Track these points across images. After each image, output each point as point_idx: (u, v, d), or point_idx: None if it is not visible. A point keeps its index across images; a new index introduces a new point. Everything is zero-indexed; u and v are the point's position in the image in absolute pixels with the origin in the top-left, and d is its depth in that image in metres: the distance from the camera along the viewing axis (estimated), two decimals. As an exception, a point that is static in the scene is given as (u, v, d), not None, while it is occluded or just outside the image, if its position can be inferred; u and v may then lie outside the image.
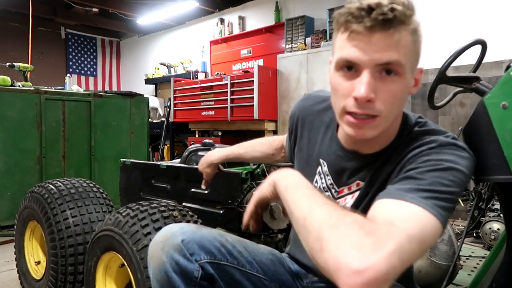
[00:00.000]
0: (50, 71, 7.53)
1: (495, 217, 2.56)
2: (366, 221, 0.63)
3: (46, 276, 1.90)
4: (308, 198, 0.71)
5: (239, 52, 5.86)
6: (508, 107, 0.91)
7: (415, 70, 0.82)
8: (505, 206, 1.05)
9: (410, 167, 0.77)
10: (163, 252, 0.86)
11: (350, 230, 0.60)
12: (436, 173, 0.72)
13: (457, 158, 0.76)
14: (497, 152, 0.91)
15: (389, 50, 0.73)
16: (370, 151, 0.90)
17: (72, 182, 2.02)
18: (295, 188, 0.75)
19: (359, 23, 0.73)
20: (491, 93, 0.95)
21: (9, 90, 3.16)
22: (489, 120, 0.93)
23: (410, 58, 0.77)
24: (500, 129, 0.91)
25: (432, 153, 0.77)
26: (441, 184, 0.71)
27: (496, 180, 0.93)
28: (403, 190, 0.71)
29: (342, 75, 0.79)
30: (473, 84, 1.29)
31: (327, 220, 0.63)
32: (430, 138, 0.82)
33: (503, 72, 0.97)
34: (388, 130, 0.86)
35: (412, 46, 0.77)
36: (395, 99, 0.78)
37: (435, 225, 0.66)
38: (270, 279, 0.99)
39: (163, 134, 5.76)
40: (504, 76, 0.95)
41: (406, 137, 0.87)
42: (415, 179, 0.73)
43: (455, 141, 0.81)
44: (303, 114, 1.10)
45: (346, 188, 0.94)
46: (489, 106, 0.94)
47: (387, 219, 0.63)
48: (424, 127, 0.87)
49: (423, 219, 0.65)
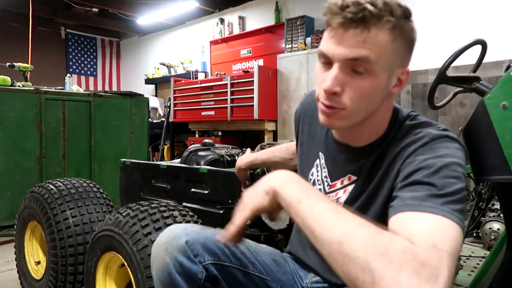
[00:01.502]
0: (50, 71, 7.53)
1: (495, 217, 2.57)
2: (413, 246, 0.58)
3: (46, 276, 1.90)
4: (336, 215, 0.63)
5: (239, 52, 5.86)
6: (508, 107, 0.91)
7: (397, 70, 0.81)
8: (505, 206, 1.05)
9: (412, 169, 0.75)
10: (167, 253, 0.86)
11: (404, 260, 0.56)
12: (441, 173, 0.71)
13: (452, 151, 0.76)
14: (497, 152, 0.91)
15: (359, 46, 0.75)
16: (359, 144, 0.90)
17: (72, 182, 2.02)
18: (310, 199, 0.67)
19: (335, 19, 0.76)
20: (491, 93, 0.95)
21: (9, 90, 3.16)
22: (489, 120, 0.93)
23: (387, 57, 0.77)
24: (500, 129, 0.91)
25: (428, 149, 0.77)
26: (450, 184, 0.70)
27: (496, 180, 0.94)
28: (418, 199, 0.68)
29: (321, 67, 0.83)
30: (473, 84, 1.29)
31: (374, 247, 0.57)
32: (421, 132, 0.81)
33: (503, 72, 0.97)
34: (371, 124, 0.86)
35: (390, 46, 0.77)
36: (363, 96, 0.79)
37: (460, 233, 0.65)
38: (272, 279, 0.99)
39: (163, 134, 5.75)
40: (504, 76, 0.95)
41: (397, 131, 0.87)
42: (425, 185, 0.70)
43: (446, 132, 0.80)
44: (304, 110, 1.13)
45: (339, 182, 0.94)
46: (489, 106, 0.94)
47: (429, 241, 0.59)
48: (414, 120, 0.87)
49: (454, 231, 0.64)
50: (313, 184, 1.01)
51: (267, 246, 1.08)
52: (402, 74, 0.83)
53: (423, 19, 4.04)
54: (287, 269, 1.05)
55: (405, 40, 0.79)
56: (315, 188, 0.74)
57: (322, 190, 0.97)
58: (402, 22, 0.77)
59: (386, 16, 0.75)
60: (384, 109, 0.86)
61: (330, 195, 0.95)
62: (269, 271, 0.99)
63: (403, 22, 0.78)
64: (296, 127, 1.16)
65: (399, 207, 0.69)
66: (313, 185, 1.00)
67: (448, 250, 0.59)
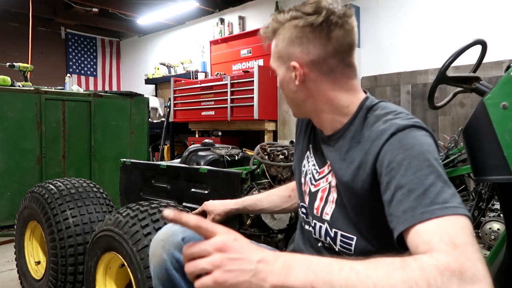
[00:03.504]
0: (50, 71, 7.52)
1: (495, 217, 2.56)
2: (440, 258, 0.59)
3: (46, 276, 1.90)
4: (357, 276, 0.59)
5: (239, 52, 5.85)
6: (508, 107, 0.91)
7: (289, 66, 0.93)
8: (505, 206, 1.05)
9: (387, 171, 0.77)
10: (164, 250, 0.87)
11: (446, 281, 0.57)
12: (413, 167, 0.73)
13: (419, 139, 0.78)
14: (497, 152, 0.91)
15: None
16: (330, 132, 0.96)
17: (72, 182, 2.02)
18: (321, 276, 0.60)
19: None
20: (491, 93, 0.95)
21: (9, 90, 3.16)
22: (489, 120, 0.93)
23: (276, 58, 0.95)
24: (500, 129, 0.91)
25: (395, 142, 0.78)
26: (425, 177, 0.71)
27: (496, 180, 0.94)
28: (408, 211, 0.69)
29: None
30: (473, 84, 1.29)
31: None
32: (387, 123, 0.83)
33: (503, 72, 0.97)
34: (327, 111, 0.93)
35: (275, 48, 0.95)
36: (281, 89, 0.99)
37: (460, 218, 0.66)
38: None
39: (163, 134, 5.75)
40: (504, 76, 0.95)
41: (366, 118, 0.89)
42: (405, 188, 0.72)
43: (412, 121, 0.81)
44: None
45: (326, 167, 0.98)
46: (489, 106, 0.94)
47: (447, 243, 0.62)
48: (382, 109, 0.89)
49: (455, 222, 0.66)
50: (305, 174, 1.04)
51: (266, 246, 1.09)
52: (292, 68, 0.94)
53: (423, 19, 4.04)
54: None
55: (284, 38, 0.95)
56: (313, 256, 0.65)
57: (312, 177, 1.01)
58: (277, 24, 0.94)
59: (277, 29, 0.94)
60: (327, 97, 0.92)
61: (320, 181, 0.98)
62: None
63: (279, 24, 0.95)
64: (296, 129, 1.19)
65: (399, 226, 0.70)
66: (305, 176, 1.04)
67: (465, 241, 0.62)
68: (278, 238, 1.75)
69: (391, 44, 4.31)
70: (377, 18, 4.40)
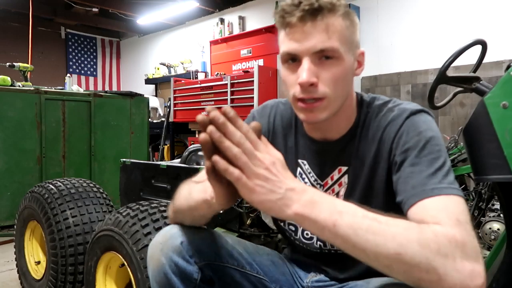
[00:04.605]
0: (50, 71, 7.52)
1: (495, 217, 2.56)
2: (449, 230, 0.64)
3: (46, 276, 1.90)
4: (379, 226, 0.64)
5: (239, 52, 5.85)
6: (508, 106, 0.91)
7: (355, 52, 0.87)
8: (505, 206, 1.06)
9: (401, 149, 0.81)
10: (162, 254, 0.86)
11: (453, 249, 0.62)
12: (426, 150, 0.79)
13: (430, 125, 0.83)
14: (497, 152, 0.91)
15: (321, 37, 0.79)
16: (338, 134, 0.92)
17: (72, 182, 2.02)
18: (345, 218, 0.64)
19: (292, 16, 0.80)
20: (491, 92, 0.95)
21: (9, 90, 3.15)
22: (489, 120, 0.93)
23: (346, 41, 0.83)
24: (500, 129, 0.91)
25: (410, 125, 0.83)
26: (436, 160, 0.77)
27: (496, 180, 0.94)
28: (419, 186, 0.74)
29: (288, 67, 0.85)
30: (473, 84, 1.29)
31: (428, 248, 0.61)
32: (397, 109, 0.87)
33: (503, 72, 0.97)
34: (345, 111, 0.90)
35: (346, 31, 0.82)
36: (337, 80, 0.83)
37: (463, 201, 0.73)
38: (270, 279, 0.99)
39: (163, 134, 5.75)
40: (504, 76, 0.95)
41: (368, 112, 0.91)
42: (417, 166, 0.77)
43: (420, 107, 0.87)
44: (269, 124, 1.05)
45: (329, 178, 0.95)
46: (489, 106, 0.94)
47: (453, 219, 0.67)
48: (380, 100, 0.93)
49: (460, 203, 0.72)
50: None
51: (265, 247, 1.08)
52: (359, 55, 0.89)
53: (423, 19, 4.04)
54: (286, 270, 1.05)
55: (354, 24, 0.86)
56: (339, 199, 0.69)
57: None
58: (348, 7, 0.84)
59: (337, 2, 0.81)
60: (352, 94, 0.92)
61: (326, 193, 0.95)
62: (267, 271, 0.99)
63: (349, 8, 0.85)
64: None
65: (409, 200, 0.74)
66: None
67: (466, 220, 0.68)
68: (278, 238, 1.75)
69: (391, 44, 4.31)
70: (377, 18, 4.40)
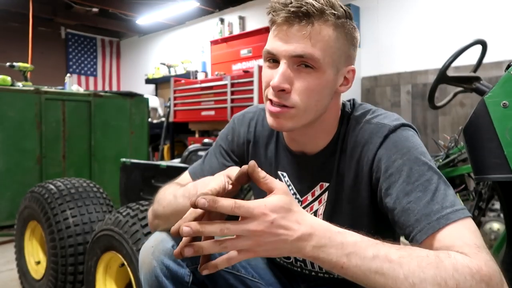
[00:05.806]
0: (50, 71, 7.52)
1: (495, 217, 2.56)
2: (470, 260, 0.60)
3: (46, 276, 1.90)
4: (389, 265, 0.59)
5: (239, 52, 5.85)
6: (509, 106, 0.91)
7: (343, 67, 0.81)
8: (505, 205, 1.05)
9: (387, 177, 0.75)
10: (154, 257, 0.86)
11: (474, 283, 0.58)
12: (415, 173, 0.73)
13: (412, 141, 0.77)
14: (498, 151, 0.91)
15: (304, 42, 0.74)
16: (316, 149, 0.88)
17: (72, 182, 2.02)
18: (353, 260, 0.61)
19: (277, 15, 0.76)
20: (491, 92, 0.95)
21: (9, 90, 3.15)
22: (489, 119, 0.93)
23: (332, 53, 0.77)
24: (500, 128, 0.91)
25: (390, 146, 0.77)
26: (428, 182, 0.71)
27: (496, 179, 0.94)
28: (423, 219, 0.69)
29: (268, 66, 0.81)
30: (473, 84, 1.29)
31: (445, 286, 0.57)
32: (375, 125, 0.81)
33: (503, 72, 0.97)
34: (322, 125, 0.85)
35: (334, 42, 0.77)
36: (311, 92, 0.77)
37: (470, 220, 0.69)
38: (266, 283, 0.98)
39: (163, 134, 5.75)
40: (504, 75, 0.95)
41: (348, 125, 0.86)
42: (412, 195, 0.71)
43: (399, 121, 0.81)
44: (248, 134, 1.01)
45: (309, 195, 0.90)
46: (489, 105, 0.94)
47: (471, 245, 0.63)
48: (360, 110, 0.87)
49: (468, 224, 0.68)
50: None
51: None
52: (348, 72, 0.83)
53: (423, 19, 4.04)
54: (282, 273, 1.04)
55: (349, 38, 0.80)
56: (349, 235, 0.63)
57: None
58: (344, 20, 0.78)
59: (329, 11, 0.75)
60: (332, 109, 0.85)
61: (304, 210, 0.92)
62: (263, 274, 0.99)
63: (346, 20, 0.78)
64: (230, 153, 1.02)
65: (416, 236, 0.69)
66: None
67: (482, 243, 0.64)
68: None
69: (391, 44, 4.31)
70: (377, 18, 4.41)
